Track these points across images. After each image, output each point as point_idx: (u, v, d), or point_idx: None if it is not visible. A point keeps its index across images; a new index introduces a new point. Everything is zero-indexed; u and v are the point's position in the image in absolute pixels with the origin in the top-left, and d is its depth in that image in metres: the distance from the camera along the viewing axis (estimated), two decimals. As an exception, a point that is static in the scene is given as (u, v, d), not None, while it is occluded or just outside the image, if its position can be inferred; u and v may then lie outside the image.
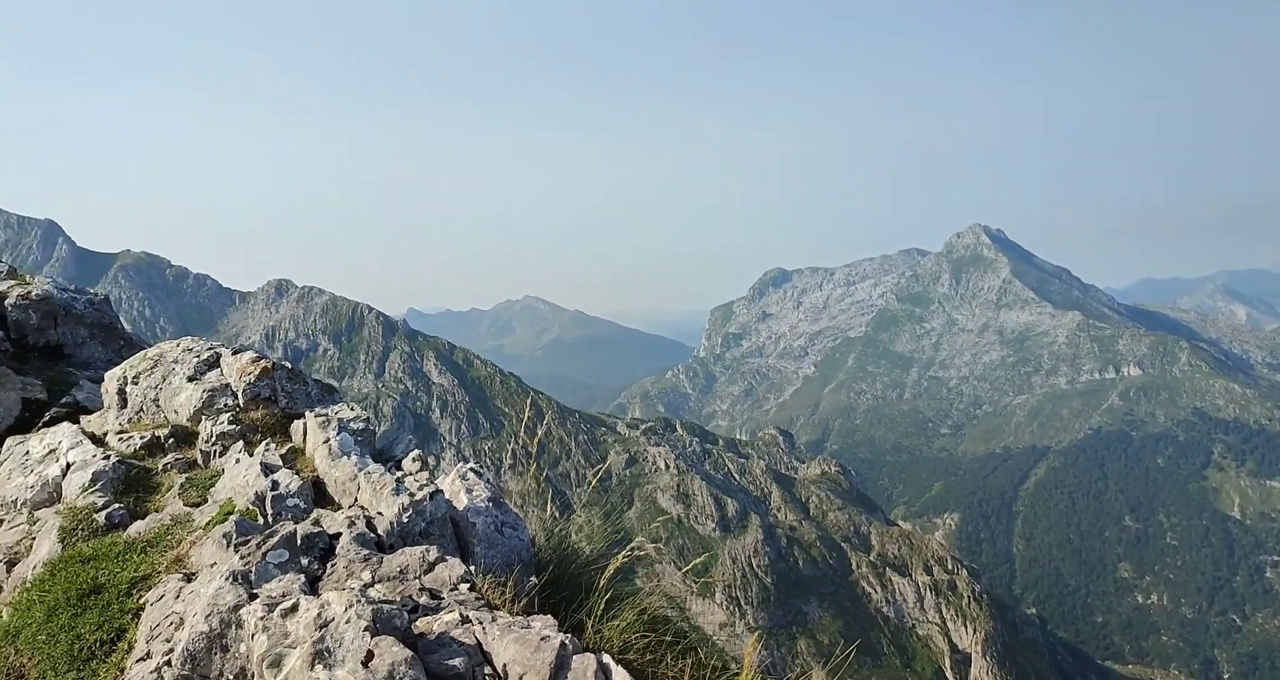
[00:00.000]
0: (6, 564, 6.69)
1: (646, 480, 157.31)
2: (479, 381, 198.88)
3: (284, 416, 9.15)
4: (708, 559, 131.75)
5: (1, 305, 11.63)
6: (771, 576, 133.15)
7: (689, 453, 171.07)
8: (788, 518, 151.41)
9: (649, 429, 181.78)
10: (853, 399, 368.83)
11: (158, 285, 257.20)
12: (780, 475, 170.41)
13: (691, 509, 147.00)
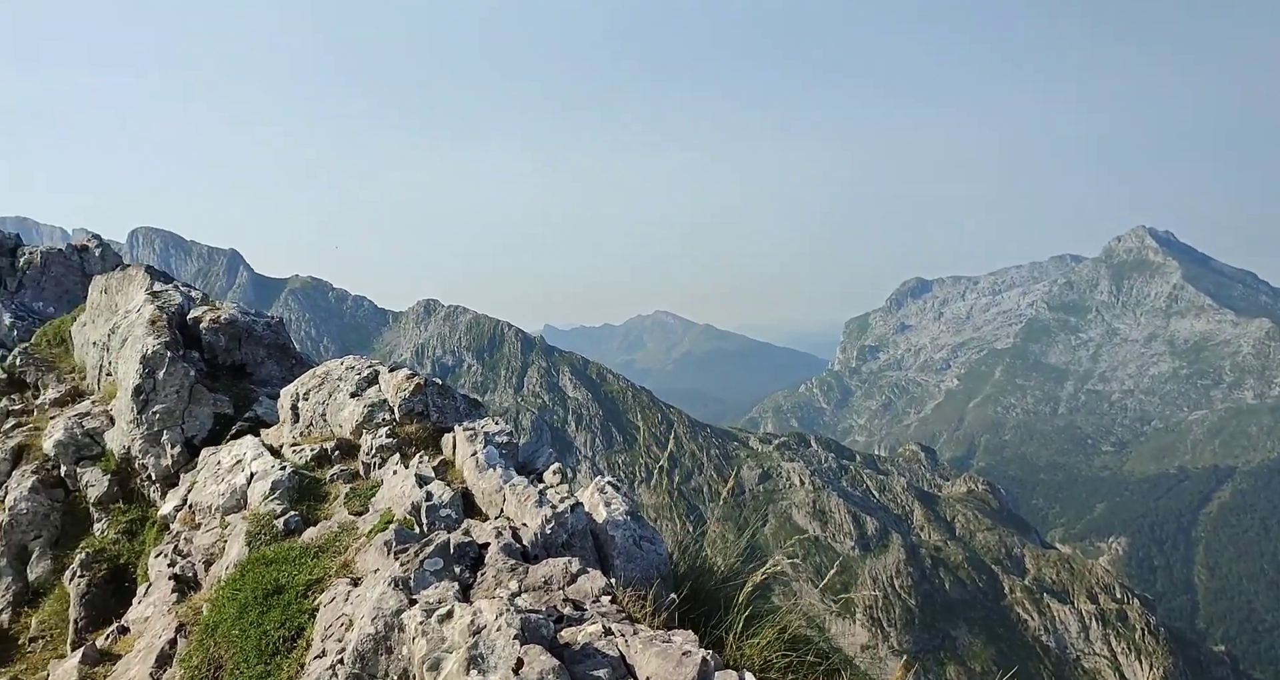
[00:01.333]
0: (205, 563, 7.47)
1: (781, 496, 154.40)
2: (612, 395, 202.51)
3: (435, 430, 9.68)
4: (846, 578, 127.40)
5: (197, 329, 12.99)
6: (916, 598, 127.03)
7: (825, 468, 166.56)
8: (932, 537, 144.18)
9: (782, 444, 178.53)
10: (1001, 414, 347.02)
11: (321, 307, 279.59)
12: (923, 493, 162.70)
13: (828, 526, 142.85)
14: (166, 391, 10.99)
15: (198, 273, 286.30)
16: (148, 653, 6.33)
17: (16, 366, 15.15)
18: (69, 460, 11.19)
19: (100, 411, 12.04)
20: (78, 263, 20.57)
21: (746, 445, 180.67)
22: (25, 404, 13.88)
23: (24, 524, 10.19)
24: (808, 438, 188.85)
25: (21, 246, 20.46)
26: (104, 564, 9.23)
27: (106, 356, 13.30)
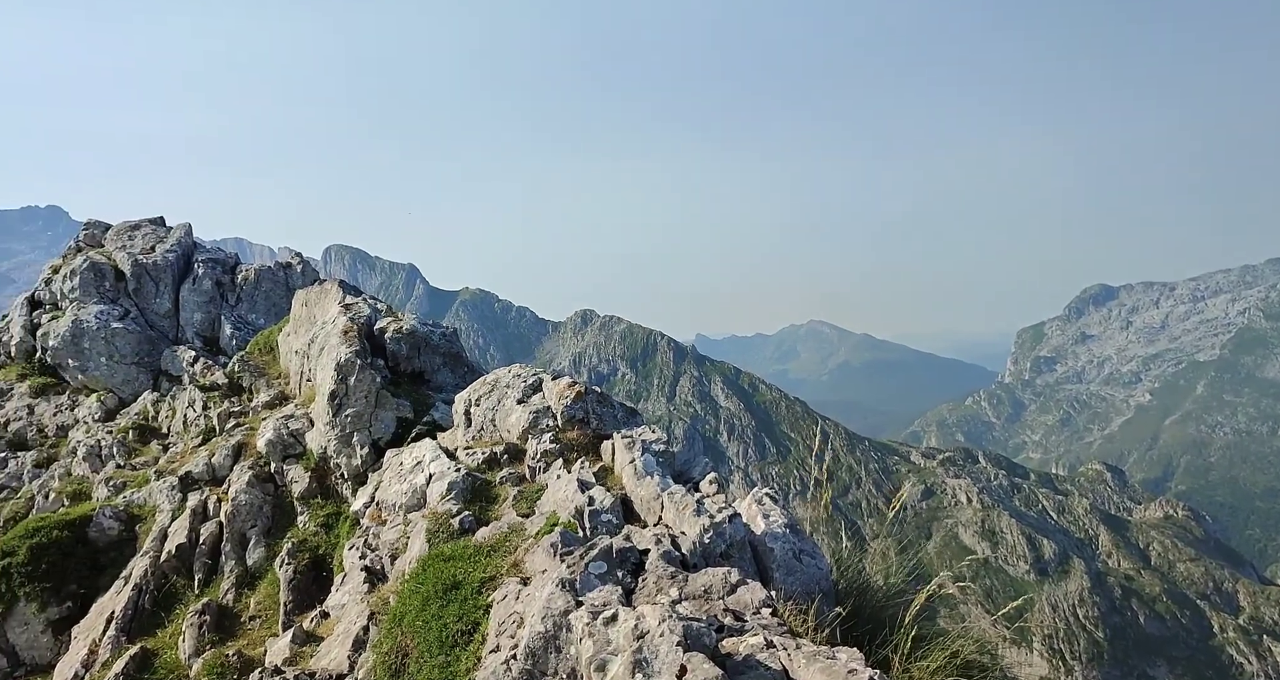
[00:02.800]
0: (391, 557, 8.11)
1: (946, 514, 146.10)
2: (765, 406, 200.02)
3: (595, 437, 9.97)
4: (1022, 604, 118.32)
5: (383, 338, 14.13)
6: (1104, 631, 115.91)
7: (994, 486, 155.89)
8: (1121, 565, 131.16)
9: (947, 459, 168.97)
10: (1205, 433, 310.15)
11: (488, 317, 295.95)
12: (1110, 516, 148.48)
13: (999, 548, 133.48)
14: (356, 396, 12.03)
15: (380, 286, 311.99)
16: (345, 637, 6.97)
17: (235, 372, 17.13)
18: (277, 458, 12.50)
19: (302, 414, 13.37)
20: (283, 278, 22.99)
21: (908, 460, 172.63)
22: (243, 406, 15.66)
23: (243, 514, 11.51)
24: (975, 453, 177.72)
25: (239, 265, 23.15)
26: (306, 553, 10.24)
27: (307, 363, 14.73)
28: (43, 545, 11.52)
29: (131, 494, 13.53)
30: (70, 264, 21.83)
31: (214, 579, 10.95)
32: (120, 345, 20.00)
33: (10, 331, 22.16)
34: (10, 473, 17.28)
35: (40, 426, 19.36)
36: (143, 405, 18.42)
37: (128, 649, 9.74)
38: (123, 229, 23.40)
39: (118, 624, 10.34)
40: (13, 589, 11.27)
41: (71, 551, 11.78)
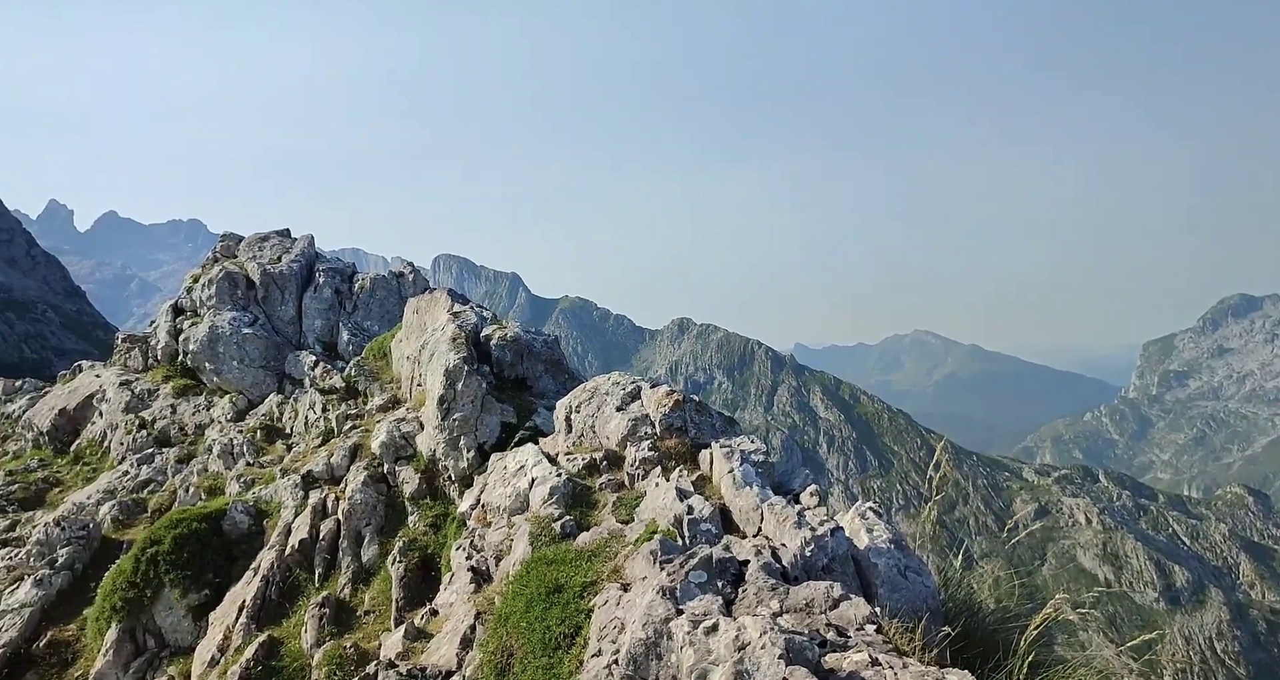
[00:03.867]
0: (495, 558, 8.37)
1: (1062, 534, 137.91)
2: (866, 417, 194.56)
3: (693, 446, 9.97)
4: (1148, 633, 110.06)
5: (488, 345, 14.61)
6: (1247, 667, 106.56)
7: (1117, 507, 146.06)
8: (1266, 597, 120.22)
9: (1064, 477, 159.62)
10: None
11: (587, 325, 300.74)
12: (1253, 544, 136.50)
13: (1124, 573, 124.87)
14: (464, 401, 12.46)
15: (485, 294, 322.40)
16: (453, 635, 7.24)
17: (352, 376, 18.07)
18: (390, 459, 13.10)
19: (413, 417, 13.96)
20: (396, 287, 24.10)
21: (1020, 477, 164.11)
22: (359, 409, 16.51)
23: (359, 512, 12.13)
24: (1095, 472, 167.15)
25: (356, 274, 24.44)
26: (416, 552, 10.69)
27: (417, 369, 15.37)
28: (184, 536, 12.50)
29: (260, 490, 14.48)
30: (208, 273, 23.59)
31: (332, 573, 11.57)
32: (250, 350, 21.44)
33: (157, 336, 24.13)
34: (156, 467, 18.80)
35: (181, 425, 20.98)
36: (269, 407, 19.67)
37: (257, 636, 10.43)
38: (253, 241, 25.11)
39: (248, 612, 11.09)
40: (159, 575, 12.28)
41: (209, 542, 12.73)
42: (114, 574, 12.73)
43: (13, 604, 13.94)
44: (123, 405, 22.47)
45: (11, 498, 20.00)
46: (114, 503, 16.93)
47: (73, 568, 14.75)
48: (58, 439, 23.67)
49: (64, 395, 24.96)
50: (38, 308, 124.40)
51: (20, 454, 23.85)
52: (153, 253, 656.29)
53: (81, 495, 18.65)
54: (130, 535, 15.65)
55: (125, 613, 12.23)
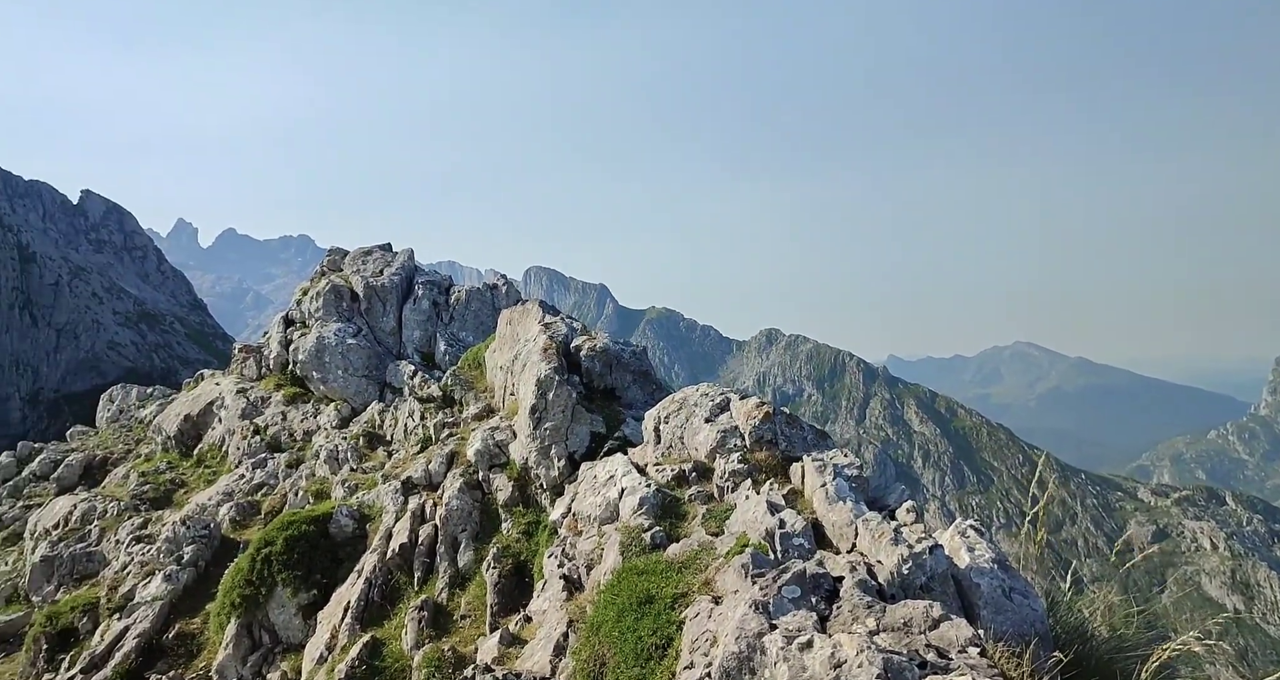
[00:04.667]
0: (586, 567, 8.48)
1: (1184, 560, 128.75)
2: (963, 432, 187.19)
3: (783, 458, 9.84)
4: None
5: (578, 356, 14.84)
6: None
7: (1247, 532, 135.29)
8: None
9: (1184, 498, 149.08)
10: None
11: (674, 336, 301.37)
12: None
13: (1256, 603, 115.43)
14: (554, 410, 12.70)
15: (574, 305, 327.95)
16: (547, 642, 7.37)
17: (448, 386, 18.68)
18: (484, 466, 13.47)
19: (506, 426, 14.31)
20: (489, 298, 24.84)
21: (1134, 497, 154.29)
22: (455, 417, 17.05)
23: (455, 518, 12.51)
24: (1221, 494, 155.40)
25: (452, 286, 25.32)
26: (509, 559, 10.94)
27: (510, 378, 15.76)
28: (294, 537, 13.20)
29: (363, 495, 15.14)
30: (315, 287, 24.90)
31: (430, 577, 11.96)
32: (354, 359, 22.48)
33: (269, 346, 25.61)
34: (269, 471, 19.93)
35: (291, 431, 22.17)
36: (371, 414, 20.55)
37: (361, 636, 10.90)
38: (357, 255, 26.36)
39: (352, 613, 11.60)
40: (273, 574, 13.01)
41: (317, 544, 13.39)
42: (232, 572, 13.56)
43: (145, 597, 15.03)
44: (239, 412, 23.92)
45: (144, 497, 21.59)
46: (231, 504, 18.04)
47: (196, 565, 15.78)
48: (183, 443, 25.40)
49: (188, 402, 26.77)
50: (166, 320, 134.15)
51: (151, 456, 25.71)
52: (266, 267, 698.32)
53: (203, 496, 19.94)
54: (246, 535, 16.62)
55: (243, 609, 13.00)
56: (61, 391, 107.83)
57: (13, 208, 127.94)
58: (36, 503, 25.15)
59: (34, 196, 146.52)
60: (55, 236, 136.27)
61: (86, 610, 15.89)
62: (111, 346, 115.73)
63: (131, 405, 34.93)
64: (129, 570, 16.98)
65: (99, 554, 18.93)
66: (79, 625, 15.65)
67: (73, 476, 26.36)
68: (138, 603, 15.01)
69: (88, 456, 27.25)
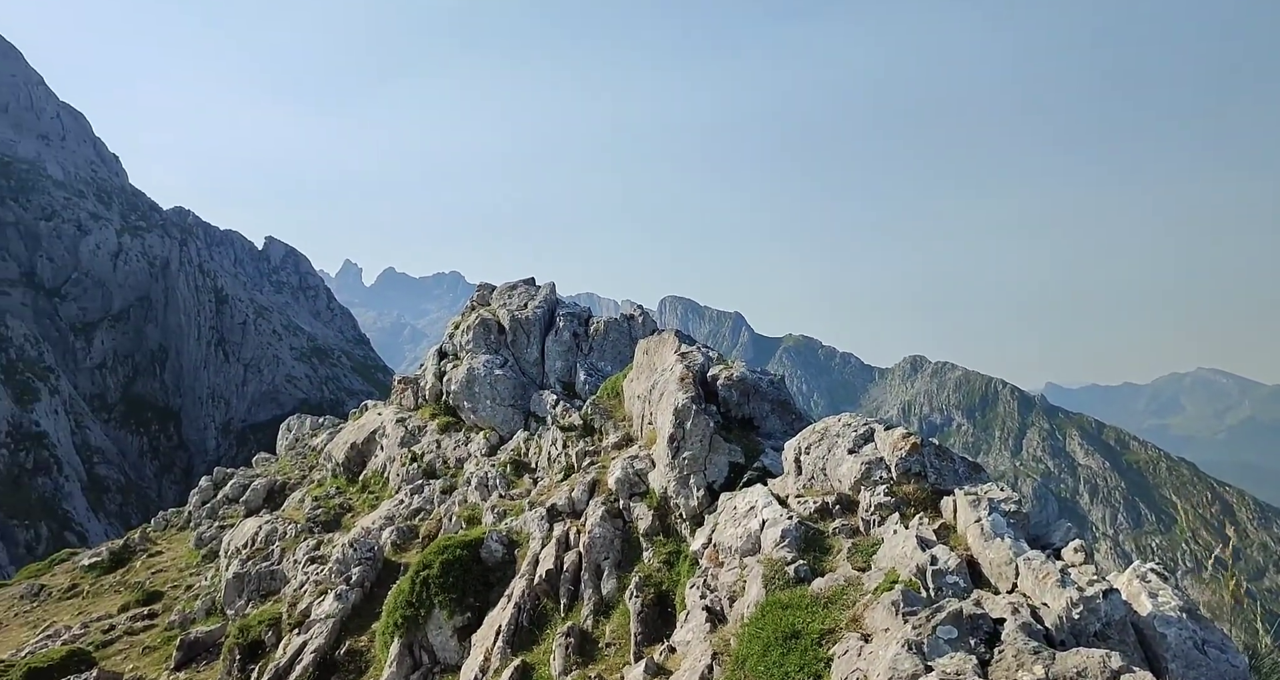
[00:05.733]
0: (729, 599, 8.42)
1: None
2: (1137, 466, 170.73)
3: (933, 492, 9.40)
4: None
5: (715, 385, 14.85)
6: None
7: None
8: None
9: None
10: None
11: (812, 364, 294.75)
12: None
13: None
14: (692, 440, 12.74)
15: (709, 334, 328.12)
16: (691, 673, 7.36)
17: (588, 415, 19.17)
18: (625, 495, 13.68)
19: (645, 455, 14.50)
20: (627, 329, 25.39)
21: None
22: (595, 445, 17.46)
23: (597, 546, 12.77)
24: None
25: (591, 318, 26.12)
26: (651, 588, 11.02)
27: (648, 408, 15.97)
28: (449, 561, 13.91)
29: (511, 521, 15.75)
30: (466, 320, 26.37)
31: (576, 604, 12.23)
32: (501, 389, 23.54)
33: (425, 378, 27.29)
34: (425, 497, 21.14)
35: (445, 458, 23.44)
36: (516, 442, 21.39)
37: (512, 661, 11.29)
38: (504, 289, 27.72)
39: (503, 637, 12.04)
40: (430, 597, 13.76)
41: (469, 568, 14.04)
42: (395, 593, 14.44)
43: (320, 614, 16.26)
44: (398, 440, 25.56)
45: (317, 520, 23.44)
46: (392, 528, 19.24)
47: (363, 585, 16.92)
48: (350, 469, 27.42)
49: (354, 431, 28.91)
50: (334, 354, 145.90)
51: (322, 482, 27.90)
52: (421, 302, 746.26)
53: (368, 520, 21.39)
54: (406, 558, 17.66)
55: (404, 629, 13.79)
56: (248, 421, 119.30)
57: (210, 255, 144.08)
58: (229, 523, 27.83)
59: (227, 244, 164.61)
60: (244, 279, 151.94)
61: (271, 624, 17.37)
62: (289, 380, 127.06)
63: (305, 434, 38.14)
64: (305, 588, 18.43)
65: (280, 572, 20.67)
66: (265, 638, 17.12)
67: (257, 500, 29.02)
68: (314, 619, 16.24)
69: (269, 481, 29.93)
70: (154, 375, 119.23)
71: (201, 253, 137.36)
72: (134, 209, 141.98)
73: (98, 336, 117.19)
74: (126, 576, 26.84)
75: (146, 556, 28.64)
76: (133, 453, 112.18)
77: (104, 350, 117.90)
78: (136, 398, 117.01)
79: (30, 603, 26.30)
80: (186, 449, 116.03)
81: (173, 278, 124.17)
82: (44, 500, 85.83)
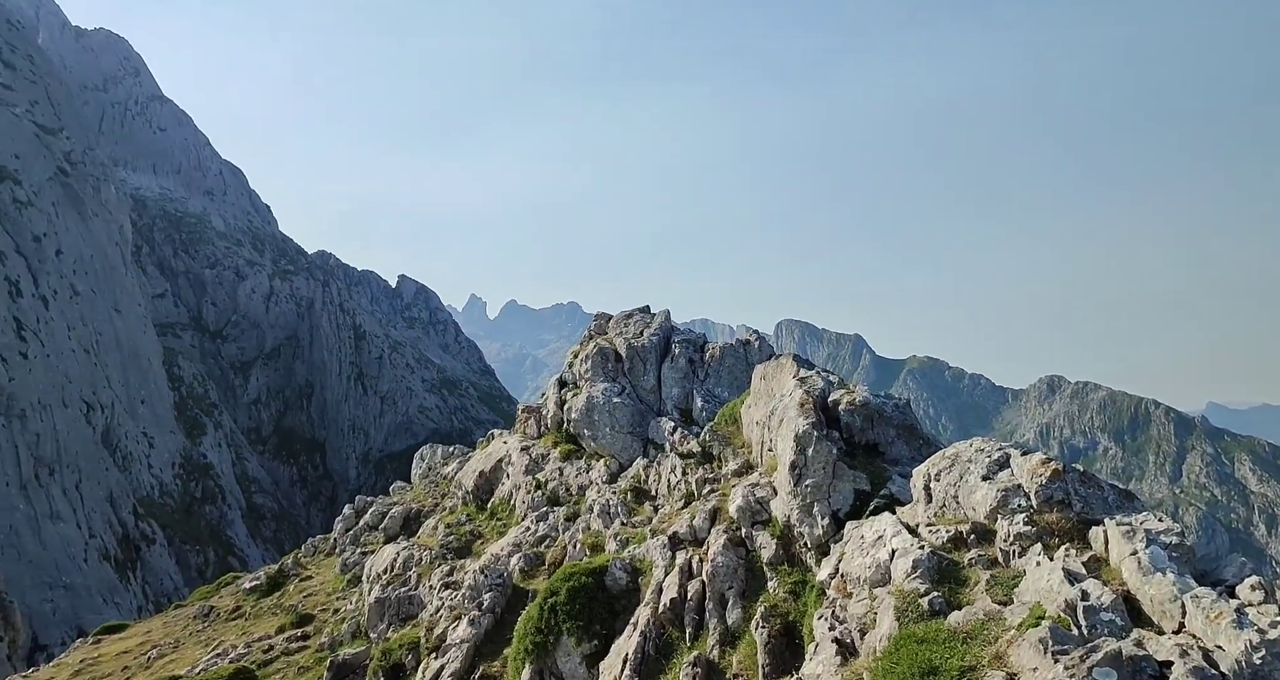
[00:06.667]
0: (859, 632, 8.14)
1: None
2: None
3: (1079, 521, 8.82)
4: None
5: (836, 410, 14.50)
6: None
7: None
8: None
9: None
10: None
11: (938, 386, 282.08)
12: None
13: None
14: (814, 467, 12.47)
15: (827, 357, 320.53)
16: (825, 706, 7.17)
17: (706, 441, 19.13)
18: (746, 523, 13.51)
19: (765, 482, 14.29)
20: (743, 354, 25.22)
21: None
22: (714, 472, 17.37)
23: (721, 575, 12.66)
24: None
25: (706, 344, 26.13)
26: (777, 619, 10.81)
27: (767, 434, 15.77)
28: (575, 589, 14.17)
29: (633, 549, 15.86)
30: (584, 350, 26.98)
31: (701, 633, 12.14)
32: (619, 417, 23.86)
33: (546, 407, 28.05)
34: (549, 524, 21.64)
35: (567, 486, 23.94)
36: (636, 470, 21.58)
37: (640, 688, 11.32)
38: (619, 318, 28.22)
39: (630, 666, 12.10)
40: (558, 623, 14.04)
41: (595, 596, 14.24)
42: (524, 619, 14.81)
43: (455, 639, 16.89)
44: (523, 468, 26.32)
45: (450, 547, 24.43)
46: (520, 555, 19.78)
47: (494, 611, 17.44)
48: (479, 497, 28.45)
49: (481, 459, 30.01)
50: (462, 385, 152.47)
51: (453, 509, 29.07)
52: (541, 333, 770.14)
53: (496, 547, 22.09)
54: (533, 585, 18.09)
55: (535, 655, 14.10)
56: (385, 451, 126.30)
57: (350, 294, 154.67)
58: (370, 549, 29.43)
59: (364, 284, 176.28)
60: (379, 316, 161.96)
61: (411, 648, 18.18)
62: (421, 410, 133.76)
63: (437, 463, 39.93)
64: (441, 613, 19.18)
65: (417, 597, 21.63)
66: (405, 661, 17.93)
67: (395, 527, 30.56)
68: (449, 643, 16.87)
69: (405, 509, 31.48)
70: (301, 409, 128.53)
71: (342, 292, 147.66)
72: (283, 254, 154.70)
73: (253, 374, 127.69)
74: (281, 600, 28.83)
75: (298, 581, 30.68)
76: (284, 482, 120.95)
77: (259, 386, 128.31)
78: (287, 430, 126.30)
79: (202, 623, 28.73)
80: (331, 478, 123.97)
81: (317, 317, 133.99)
82: (211, 527, 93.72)
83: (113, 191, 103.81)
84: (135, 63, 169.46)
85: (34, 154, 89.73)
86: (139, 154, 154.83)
